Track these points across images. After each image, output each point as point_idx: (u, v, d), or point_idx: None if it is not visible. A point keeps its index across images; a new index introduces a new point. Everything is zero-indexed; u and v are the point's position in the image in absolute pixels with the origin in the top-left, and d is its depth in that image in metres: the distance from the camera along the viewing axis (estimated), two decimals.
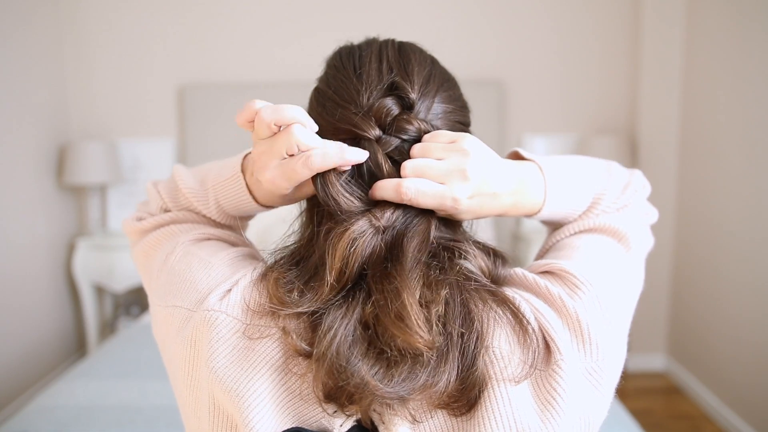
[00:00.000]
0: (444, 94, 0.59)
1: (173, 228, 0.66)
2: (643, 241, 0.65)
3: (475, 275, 0.54)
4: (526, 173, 0.59)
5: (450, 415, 0.50)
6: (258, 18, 2.97)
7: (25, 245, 2.62)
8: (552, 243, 0.66)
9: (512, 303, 0.52)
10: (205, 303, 0.53)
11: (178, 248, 0.61)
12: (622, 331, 0.56)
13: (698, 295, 2.67)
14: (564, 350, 0.51)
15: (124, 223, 0.70)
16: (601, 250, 0.61)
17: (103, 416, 1.53)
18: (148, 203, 0.72)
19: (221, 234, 0.65)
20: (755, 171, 2.23)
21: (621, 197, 0.66)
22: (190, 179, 0.68)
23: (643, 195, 0.69)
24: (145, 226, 0.68)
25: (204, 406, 0.53)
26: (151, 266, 0.64)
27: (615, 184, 0.67)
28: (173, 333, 0.56)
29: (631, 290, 0.60)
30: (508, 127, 3.03)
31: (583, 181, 0.64)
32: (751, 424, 2.23)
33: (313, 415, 0.51)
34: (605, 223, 0.64)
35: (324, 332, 0.48)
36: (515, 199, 0.58)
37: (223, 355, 0.51)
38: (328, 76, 0.61)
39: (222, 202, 0.65)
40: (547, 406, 0.49)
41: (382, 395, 0.46)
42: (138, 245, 0.68)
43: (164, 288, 0.59)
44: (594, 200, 0.65)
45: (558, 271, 0.57)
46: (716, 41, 2.51)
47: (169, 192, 0.69)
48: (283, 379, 0.51)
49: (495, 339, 0.51)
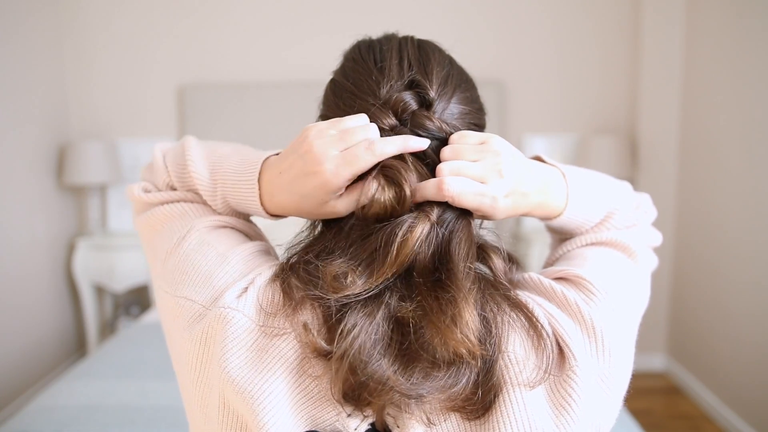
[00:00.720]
0: (461, 96, 0.59)
1: (184, 207, 0.64)
2: (649, 260, 0.66)
3: (496, 279, 0.54)
4: (551, 176, 0.61)
5: (463, 419, 0.50)
6: (258, 18, 2.97)
7: (25, 245, 2.62)
8: (561, 253, 0.67)
9: (527, 308, 0.52)
10: (221, 300, 0.52)
11: (193, 234, 0.59)
12: (632, 339, 0.57)
13: (698, 295, 2.67)
14: (579, 356, 0.51)
15: (129, 189, 0.67)
16: (612, 262, 0.62)
17: (103, 416, 1.53)
18: (152, 170, 0.68)
19: (236, 223, 0.64)
20: (755, 171, 2.23)
21: (631, 216, 0.68)
22: (200, 164, 0.64)
23: (650, 219, 0.71)
24: (151, 200, 0.65)
25: (213, 405, 0.52)
26: (159, 244, 0.61)
27: (628, 202, 0.68)
28: (181, 326, 0.55)
29: (639, 302, 0.61)
30: (508, 127, 3.03)
31: (600, 194, 0.66)
32: (751, 424, 2.23)
33: (327, 418, 0.50)
34: (615, 238, 0.65)
35: (348, 330, 0.48)
36: (542, 198, 0.59)
37: (237, 356, 0.50)
38: (345, 68, 0.60)
39: (231, 201, 0.63)
40: (561, 412, 0.49)
41: (401, 391, 0.46)
42: (143, 216, 0.66)
43: (174, 275, 0.57)
44: (607, 215, 0.67)
45: (573, 278, 0.57)
46: (716, 41, 2.51)
47: (177, 169, 0.65)
48: (297, 380, 0.50)
49: (510, 343, 0.51)
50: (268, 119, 2.92)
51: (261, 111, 2.94)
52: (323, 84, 0.63)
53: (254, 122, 2.94)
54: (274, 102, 2.91)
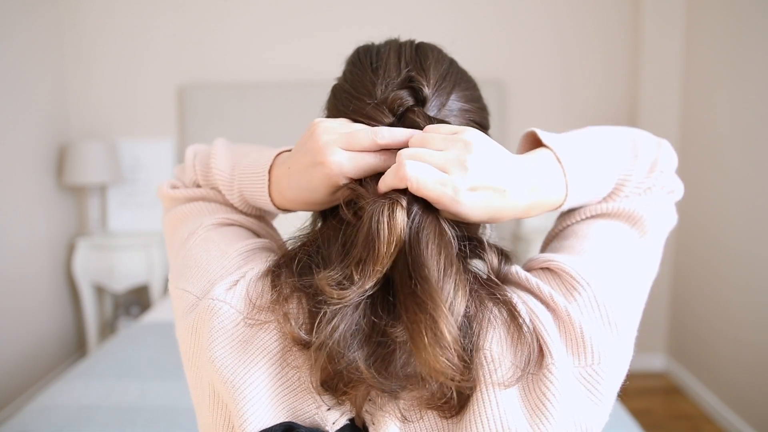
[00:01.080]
0: (460, 93, 0.58)
1: (201, 206, 0.66)
2: (663, 222, 0.61)
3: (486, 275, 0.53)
4: (542, 168, 0.54)
5: (440, 417, 0.50)
6: (258, 18, 2.97)
7: (25, 245, 2.62)
8: (561, 228, 0.63)
9: (512, 304, 0.51)
10: (212, 292, 0.54)
11: (200, 230, 0.61)
12: (627, 331, 0.53)
13: (698, 296, 2.67)
14: (556, 354, 0.49)
15: (159, 187, 0.70)
16: (609, 241, 0.57)
17: (103, 416, 1.53)
18: (183, 168, 0.71)
19: (244, 221, 0.65)
20: (755, 171, 2.22)
21: (646, 180, 0.61)
22: (224, 161, 0.66)
23: (671, 171, 0.63)
24: (177, 195, 0.68)
25: (205, 393, 0.54)
26: (175, 241, 0.64)
27: (641, 166, 0.61)
28: (180, 316, 0.57)
29: (641, 281, 0.57)
30: (508, 126, 3.03)
31: (606, 165, 0.59)
32: (751, 424, 2.23)
33: (307, 411, 0.51)
34: (622, 207, 0.60)
35: (328, 318, 0.48)
36: (534, 199, 0.53)
37: (222, 346, 0.51)
38: (345, 72, 0.61)
39: (245, 195, 0.64)
40: (536, 411, 0.48)
41: (374, 384, 0.47)
42: (168, 213, 0.68)
43: (179, 269, 0.60)
44: (617, 185, 0.60)
45: (556, 269, 0.55)
46: (716, 41, 2.51)
47: (203, 167, 0.68)
48: (280, 372, 0.51)
49: (487, 341, 0.49)
50: (268, 119, 2.92)
51: (261, 111, 2.94)
52: (323, 84, 0.64)
53: (254, 122, 2.94)
54: (274, 102, 2.91)
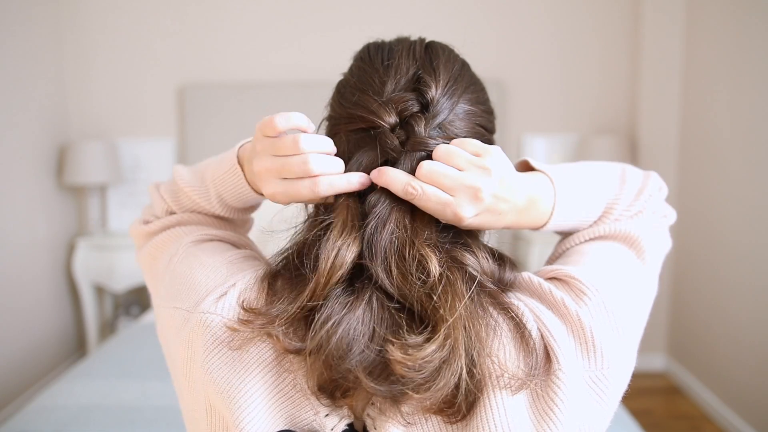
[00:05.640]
0: (470, 96, 0.58)
1: (178, 230, 0.66)
2: (659, 245, 0.64)
3: (480, 279, 0.52)
4: (538, 188, 0.58)
5: (445, 422, 0.49)
6: (258, 18, 2.97)
7: (25, 245, 2.62)
8: (562, 250, 0.65)
9: (514, 310, 0.51)
10: (202, 305, 0.54)
11: (181, 249, 0.62)
12: (631, 339, 0.54)
13: (698, 296, 2.67)
14: (564, 359, 0.49)
15: (131, 227, 0.72)
16: (611, 257, 0.59)
17: (103, 416, 1.53)
18: (152, 206, 0.72)
19: (224, 235, 0.66)
20: (755, 171, 2.22)
21: (635, 203, 0.65)
22: (190, 177, 0.68)
23: (660, 198, 0.67)
24: (152, 229, 0.68)
25: (201, 407, 0.54)
26: (157, 268, 0.65)
27: (628, 191, 0.65)
28: (173, 334, 0.57)
29: (643, 297, 0.59)
30: (508, 127, 3.03)
31: (595, 190, 0.63)
32: (751, 424, 2.23)
33: (304, 418, 0.50)
34: (617, 229, 0.62)
35: (321, 323, 0.47)
36: (519, 217, 0.57)
37: (216, 357, 0.51)
38: (353, 67, 0.61)
39: (224, 196, 0.65)
40: (544, 417, 0.48)
41: (373, 392, 0.46)
42: (144, 248, 0.69)
43: (167, 290, 0.60)
44: (606, 208, 0.64)
45: (564, 277, 0.55)
46: (716, 41, 2.51)
47: (172, 193, 0.69)
48: (276, 380, 0.51)
49: (493, 347, 0.49)
50: None
51: (260, 111, 2.93)
52: (323, 83, 0.64)
53: (254, 122, 2.89)
54: (274, 102, 2.91)
